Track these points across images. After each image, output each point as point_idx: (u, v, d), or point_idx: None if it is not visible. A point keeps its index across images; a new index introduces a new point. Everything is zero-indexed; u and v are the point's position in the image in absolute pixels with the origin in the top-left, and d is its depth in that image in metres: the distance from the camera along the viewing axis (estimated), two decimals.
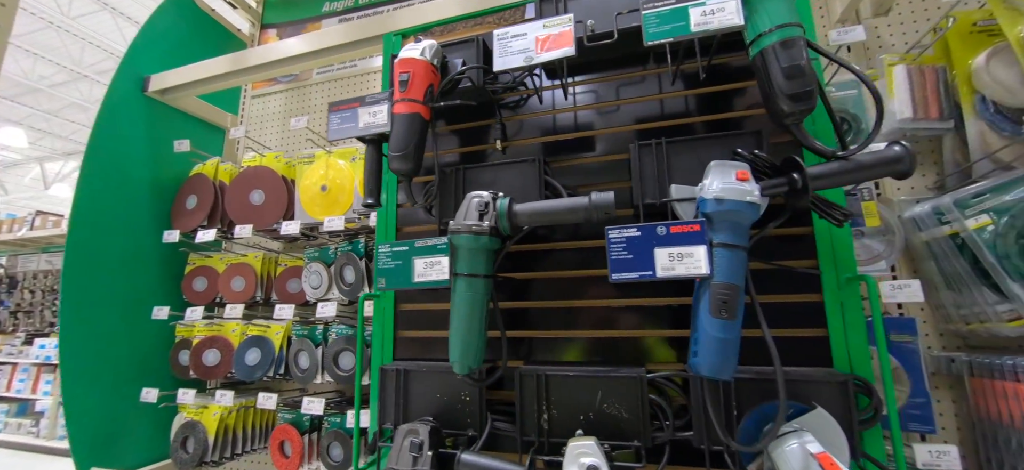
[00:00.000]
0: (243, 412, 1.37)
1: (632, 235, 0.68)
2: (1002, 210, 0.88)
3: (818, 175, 0.64)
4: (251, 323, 1.40)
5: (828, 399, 0.70)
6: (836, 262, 0.79)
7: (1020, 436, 0.84)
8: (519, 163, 0.91)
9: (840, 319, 0.77)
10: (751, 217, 0.64)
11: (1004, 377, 0.87)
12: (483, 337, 0.76)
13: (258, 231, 1.38)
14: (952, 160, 1.06)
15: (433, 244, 0.78)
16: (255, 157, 1.45)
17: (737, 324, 0.62)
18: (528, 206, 0.75)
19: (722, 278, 0.63)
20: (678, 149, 0.83)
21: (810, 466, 0.58)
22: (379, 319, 1.03)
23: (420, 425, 0.80)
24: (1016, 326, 0.87)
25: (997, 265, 0.86)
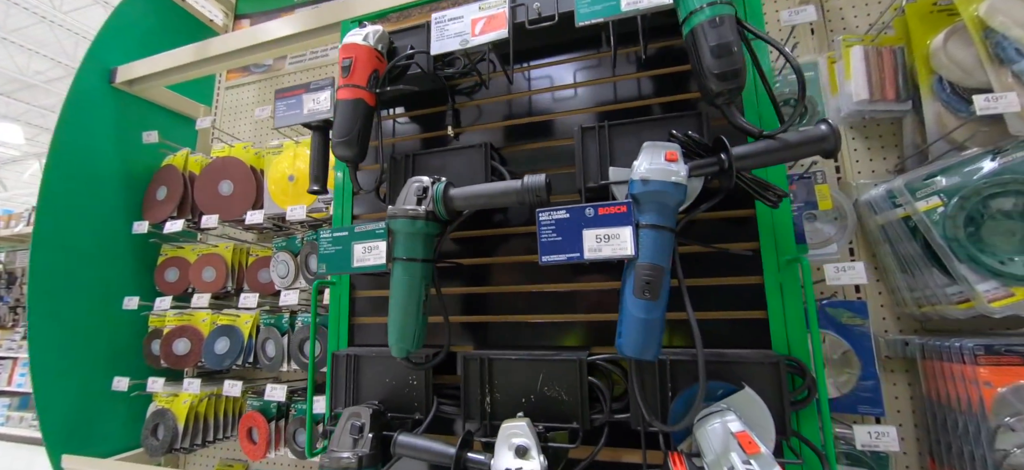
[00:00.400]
0: (213, 400, 1.39)
1: (561, 217, 0.68)
2: (952, 192, 0.88)
3: (744, 155, 0.64)
4: (221, 312, 1.41)
5: (761, 380, 0.70)
6: (776, 244, 0.78)
7: (966, 418, 0.84)
8: (467, 149, 0.91)
9: (779, 301, 0.77)
10: (677, 198, 0.64)
11: (952, 359, 0.87)
12: (421, 321, 0.76)
13: (225, 221, 1.38)
14: (912, 143, 1.05)
15: (371, 229, 0.78)
16: (224, 148, 1.45)
17: (660, 305, 0.62)
18: (463, 190, 0.75)
19: (646, 258, 0.63)
20: (622, 132, 0.82)
21: (730, 443, 0.59)
22: (335, 306, 1.03)
23: (363, 409, 0.81)
24: (964, 308, 0.86)
25: (945, 247, 0.86)
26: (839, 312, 0.95)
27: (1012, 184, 0.84)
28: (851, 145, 1.13)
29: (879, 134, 1.12)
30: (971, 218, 0.86)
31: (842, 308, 0.95)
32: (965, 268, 0.84)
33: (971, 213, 0.86)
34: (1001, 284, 0.82)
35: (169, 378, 1.40)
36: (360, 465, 0.74)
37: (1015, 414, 0.79)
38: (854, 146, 1.13)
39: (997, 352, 0.81)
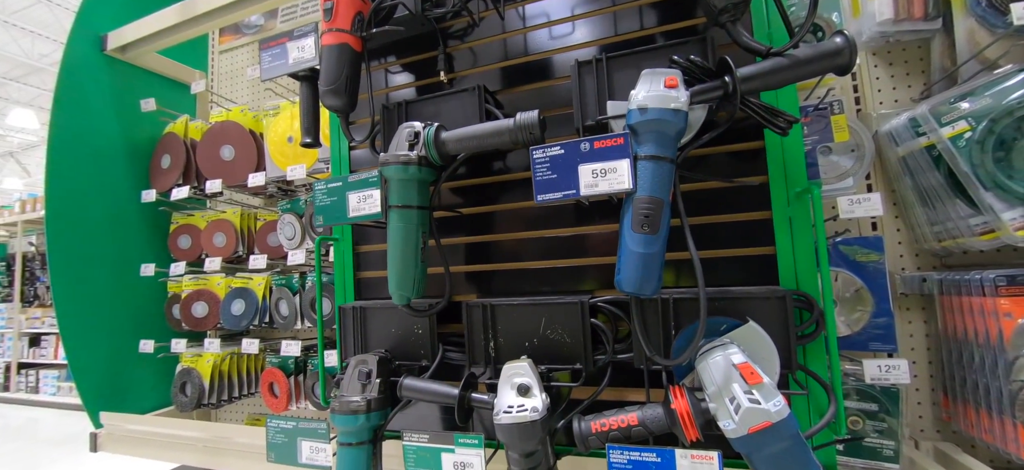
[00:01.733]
0: (235, 359, 1.44)
1: (556, 154, 0.65)
2: (981, 115, 0.82)
3: (750, 75, 0.59)
4: (234, 276, 1.44)
5: (767, 315, 0.68)
6: (786, 176, 0.75)
7: (983, 351, 0.82)
8: (460, 94, 0.88)
9: (788, 235, 0.74)
10: (677, 126, 0.60)
11: (971, 293, 0.84)
12: (420, 268, 0.76)
13: (229, 186, 1.39)
14: (940, 66, 0.98)
15: (365, 178, 0.77)
16: (221, 112, 1.44)
17: (659, 239, 0.60)
18: (454, 132, 0.73)
19: (645, 191, 0.60)
20: (621, 65, 0.78)
21: (731, 375, 0.58)
22: (339, 261, 1.04)
23: (370, 356, 0.83)
24: (988, 239, 0.82)
25: (971, 174, 0.80)
26: (853, 249, 0.91)
27: None
28: (873, 73, 1.06)
29: (904, 59, 1.04)
30: (1002, 142, 0.80)
31: (856, 245, 0.91)
32: (991, 196, 0.79)
33: (1002, 136, 0.80)
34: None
35: (192, 339, 1.46)
36: (368, 408, 0.76)
37: None
38: (876, 74, 1.06)
39: (1020, 282, 0.77)
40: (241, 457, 1.25)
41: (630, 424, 0.62)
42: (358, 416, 0.75)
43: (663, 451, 0.60)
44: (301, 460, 0.80)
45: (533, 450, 0.64)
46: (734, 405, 0.56)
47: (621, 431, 0.62)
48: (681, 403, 0.59)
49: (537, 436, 0.63)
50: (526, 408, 0.65)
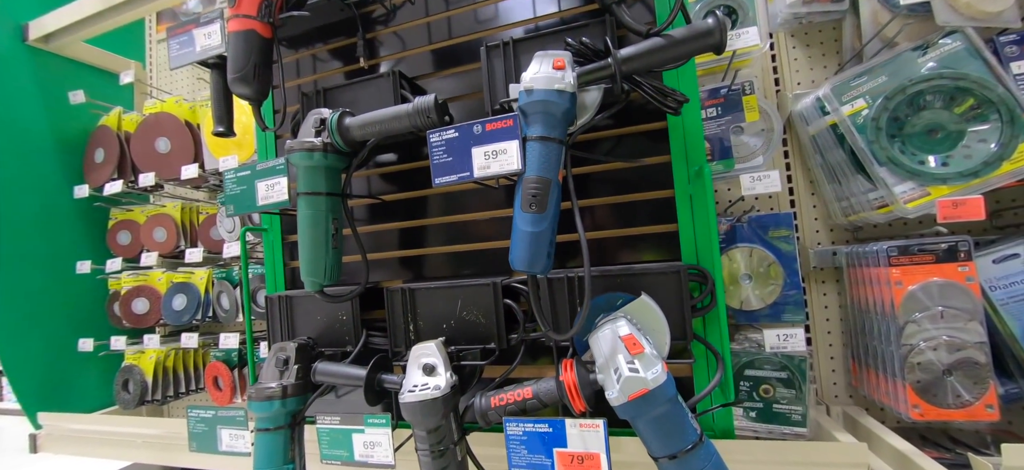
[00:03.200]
0: (180, 354, 1.43)
1: (451, 137, 0.66)
2: (877, 93, 0.85)
3: (629, 55, 0.61)
4: (176, 271, 1.42)
5: (665, 289, 0.70)
6: (687, 155, 0.77)
7: (879, 320, 0.86)
8: (376, 80, 0.88)
9: (689, 212, 0.76)
10: (563, 106, 0.61)
11: (870, 264, 0.88)
12: (331, 255, 0.76)
13: (165, 180, 1.36)
14: (850, 46, 1.01)
15: (272, 166, 0.77)
16: (155, 103, 1.40)
17: (546, 217, 0.61)
18: (357, 118, 0.73)
19: (533, 172, 0.62)
20: (528, 48, 0.79)
21: (617, 346, 0.60)
22: (269, 252, 1.04)
23: (289, 344, 0.83)
24: (884, 213, 0.86)
25: (866, 150, 0.84)
26: (765, 226, 0.95)
27: (937, 79, 0.82)
28: (791, 55, 1.09)
29: (820, 40, 1.08)
30: (895, 119, 0.84)
31: (768, 222, 0.95)
32: (884, 171, 0.83)
33: (895, 113, 0.84)
34: (918, 184, 0.81)
35: (134, 336, 1.43)
36: (284, 394, 0.77)
37: (923, 310, 0.80)
38: (794, 55, 1.09)
39: (910, 252, 0.81)
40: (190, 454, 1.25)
41: (525, 398, 0.64)
42: (273, 402, 0.76)
43: (554, 421, 0.62)
44: (221, 448, 0.80)
45: (436, 426, 0.66)
46: (617, 375, 0.58)
47: (517, 405, 0.64)
48: (569, 376, 0.61)
49: (439, 412, 0.65)
50: (429, 387, 0.66)
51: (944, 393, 0.78)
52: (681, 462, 0.57)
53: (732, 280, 0.96)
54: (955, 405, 0.78)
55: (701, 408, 0.72)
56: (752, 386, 0.92)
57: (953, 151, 0.80)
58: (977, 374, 0.77)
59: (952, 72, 0.79)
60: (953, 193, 0.78)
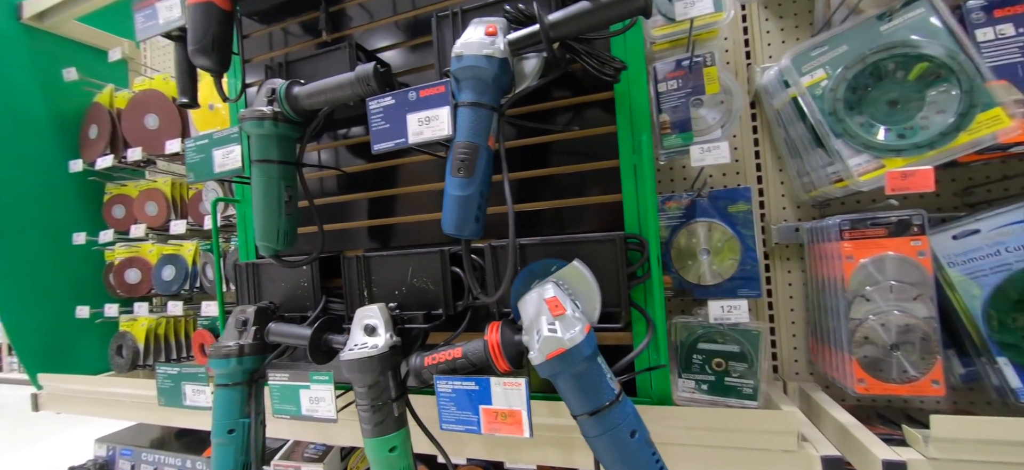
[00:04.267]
0: (170, 322, 1.49)
1: (388, 104, 0.68)
2: (837, 63, 0.83)
3: (557, 20, 0.61)
4: (166, 243, 1.48)
5: (603, 257, 0.71)
6: (632, 125, 0.77)
7: (833, 294, 0.86)
8: (335, 52, 0.89)
9: (632, 183, 0.77)
10: (492, 72, 0.62)
11: (825, 239, 0.87)
12: (285, 221, 0.79)
13: (154, 155, 1.41)
14: (822, 16, 0.98)
15: (227, 135, 0.79)
16: (144, 81, 1.44)
17: (474, 181, 0.63)
18: (304, 87, 0.75)
19: (462, 137, 0.63)
20: (479, 16, 0.79)
21: (541, 309, 0.62)
22: (241, 222, 1.07)
23: (249, 307, 0.87)
24: (840, 187, 0.85)
25: (823, 122, 0.83)
26: (725, 200, 0.94)
27: (899, 48, 0.80)
28: (763, 27, 1.07)
29: (793, 12, 1.05)
30: (854, 89, 0.82)
31: (727, 196, 0.94)
32: (841, 143, 0.82)
33: (854, 84, 0.82)
34: (872, 156, 0.79)
35: (126, 305, 1.50)
36: (241, 352, 0.81)
37: (873, 284, 0.80)
38: (767, 28, 1.07)
39: (862, 226, 0.80)
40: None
41: (455, 357, 0.66)
42: (230, 359, 0.80)
43: (480, 379, 0.64)
44: (185, 402, 0.85)
45: (374, 382, 0.68)
46: (538, 335, 0.60)
47: (447, 364, 0.66)
48: (493, 337, 0.63)
49: (376, 370, 0.68)
50: (368, 346, 0.69)
51: (890, 368, 0.78)
52: (599, 418, 0.58)
53: (690, 255, 0.96)
54: (900, 380, 0.77)
55: (639, 370, 0.74)
56: (705, 360, 0.92)
57: (911, 122, 0.79)
58: (925, 349, 0.77)
59: (907, 40, 0.77)
60: (908, 165, 0.77)
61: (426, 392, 0.80)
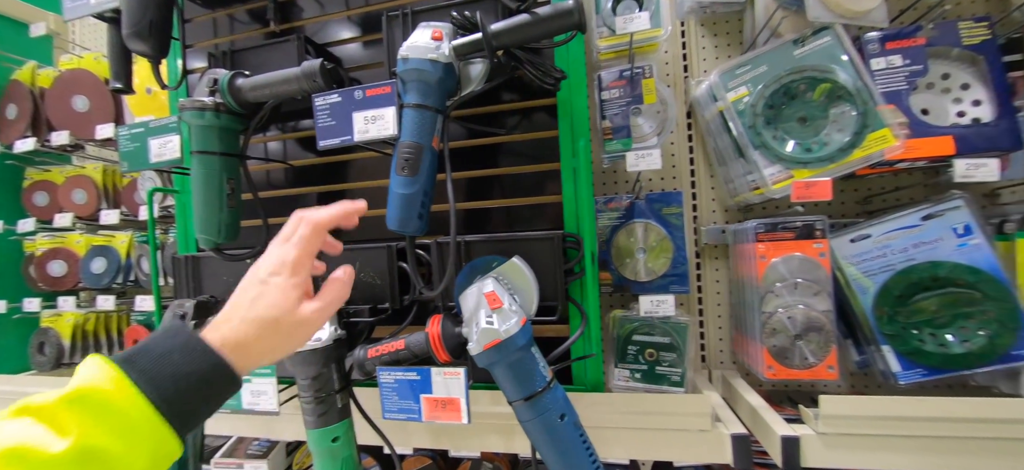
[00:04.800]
0: (101, 317, 1.41)
1: (334, 101, 0.69)
2: (757, 81, 0.92)
3: (498, 31, 0.65)
4: (96, 233, 1.39)
5: (543, 254, 0.76)
6: (573, 130, 0.82)
7: (749, 290, 0.95)
8: (284, 44, 0.89)
9: (572, 185, 0.82)
10: (436, 75, 0.65)
11: (744, 240, 0.96)
12: (226, 214, 0.78)
13: (84, 140, 1.32)
14: (749, 37, 1.08)
15: (165, 124, 0.77)
16: (72, 59, 1.35)
17: (418, 180, 0.65)
18: (249, 80, 0.74)
19: (407, 137, 0.65)
20: (426, 18, 0.81)
21: (480, 303, 0.65)
22: (181, 213, 1.04)
23: (186, 300, 0.85)
24: (758, 194, 0.94)
25: (744, 134, 0.91)
26: (660, 203, 1.02)
27: (808, 71, 0.89)
28: (699, 44, 1.15)
29: (726, 30, 1.14)
30: (771, 106, 0.91)
31: (663, 199, 1.02)
32: (757, 154, 0.90)
33: (771, 102, 0.91)
34: (783, 167, 0.89)
35: (50, 299, 1.40)
36: None
37: (782, 281, 0.89)
38: (702, 44, 1.15)
39: (774, 229, 0.89)
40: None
41: (397, 349, 0.68)
42: None
43: (422, 370, 0.67)
44: None
45: (317, 374, 0.70)
46: (476, 327, 0.63)
47: (390, 355, 0.69)
48: (434, 329, 0.66)
49: (318, 362, 0.69)
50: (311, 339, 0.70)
51: (793, 355, 0.88)
52: (532, 404, 0.63)
53: (628, 253, 1.03)
54: (802, 366, 0.87)
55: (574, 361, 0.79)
56: (639, 350, 0.99)
57: (816, 138, 0.88)
58: (822, 339, 0.87)
59: (814, 65, 0.87)
60: (813, 176, 0.87)
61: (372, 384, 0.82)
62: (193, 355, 0.42)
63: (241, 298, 0.49)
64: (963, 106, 0.88)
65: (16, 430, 0.34)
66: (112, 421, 0.36)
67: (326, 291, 0.53)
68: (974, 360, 0.82)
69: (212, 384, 0.42)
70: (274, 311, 0.47)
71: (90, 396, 0.36)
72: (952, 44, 0.87)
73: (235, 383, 0.44)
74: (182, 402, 0.40)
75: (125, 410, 0.37)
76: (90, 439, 0.35)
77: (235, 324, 0.46)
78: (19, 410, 0.36)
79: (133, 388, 0.38)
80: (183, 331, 0.43)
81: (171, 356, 0.41)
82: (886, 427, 0.74)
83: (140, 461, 0.37)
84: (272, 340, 0.47)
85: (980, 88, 0.87)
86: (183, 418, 0.40)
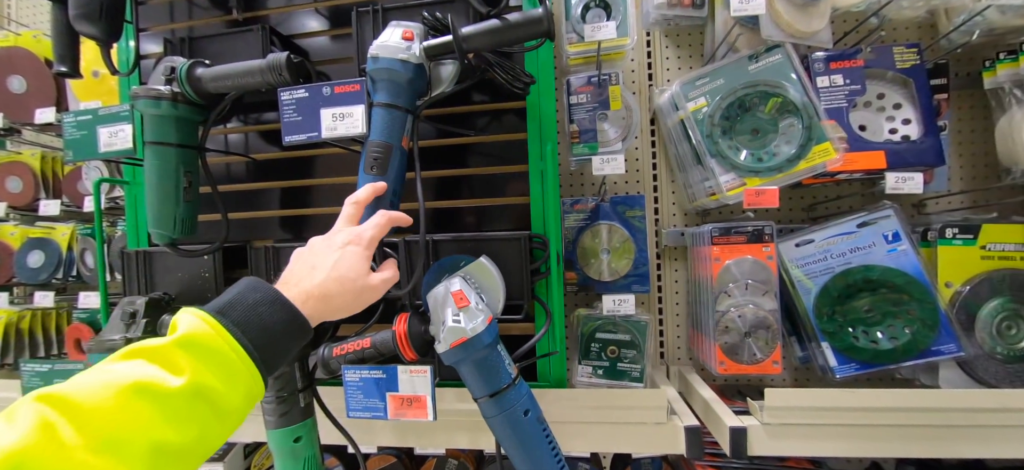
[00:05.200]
0: (37, 315, 1.31)
1: (301, 97, 0.68)
2: (715, 93, 0.97)
3: (468, 34, 0.66)
4: (33, 224, 1.30)
5: (510, 254, 0.78)
6: (541, 133, 0.84)
7: (704, 290, 1.00)
8: (246, 34, 0.86)
9: (539, 186, 0.84)
10: (406, 75, 0.65)
11: (700, 243, 1.01)
12: (182, 208, 0.75)
13: (16, 122, 1.23)
14: (709, 50, 1.13)
15: (116, 112, 0.74)
16: (7, 36, 1.25)
17: (387, 180, 0.65)
18: (210, 70, 0.72)
19: (376, 136, 0.65)
20: (397, 16, 0.81)
21: (447, 301, 0.66)
22: (131, 205, 0.99)
23: (138, 298, 0.81)
24: (714, 200, 0.99)
25: (702, 143, 0.96)
26: (624, 206, 1.06)
27: (760, 86, 0.95)
28: (664, 54, 1.20)
29: (689, 42, 1.20)
30: (726, 117, 0.97)
31: (626, 202, 1.06)
32: (714, 162, 0.96)
33: (727, 113, 0.97)
34: (737, 175, 0.94)
35: None
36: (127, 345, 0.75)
37: (734, 281, 0.95)
38: (666, 54, 1.20)
39: (727, 233, 0.95)
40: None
41: (363, 348, 0.68)
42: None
43: (388, 368, 0.67)
44: None
45: (279, 374, 0.68)
46: (443, 326, 0.64)
47: (356, 354, 0.68)
48: (401, 327, 0.67)
49: None
50: None
51: (743, 352, 0.94)
52: (497, 400, 0.64)
53: (593, 254, 1.06)
54: (750, 361, 0.93)
55: (539, 358, 0.81)
56: (601, 347, 1.03)
57: (765, 149, 0.95)
58: (769, 336, 0.93)
59: (767, 80, 0.93)
60: (763, 184, 0.93)
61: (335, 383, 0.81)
62: (276, 308, 0.48)
63: (320, 260, 0.56)
64: (895, 124, 0.96)
65: (135, 369, 0.39)
66: (217, 362, 0.42)
67: (385, 268, 0.63)
68: (900, 355, 0.91)
69: (292, 334, 0.50)
70: (351, 272, 0.55)
71: (199, 340, 0.42)
72: (887, 67, 0.96)
73: (308, 334, 0.52)
74: (269, 349, 0.46)
75: (226, 354, 0.43)
76: (201, 377, 0.40)
77: (319, 280, 0.53)
78: (130, 352, 0.41)
79: (230, 336, 0.43)
80: (263, 286, 0.50)
81: (258, 308, 0.47)
82: (824, 416, 0.80)
83: (238, 398, 0.43)
84: (346, 298, 0.55)
85: (910, 108, 0.95)
86: (269, 363, 0.47)
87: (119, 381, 0.37)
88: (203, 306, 0.45)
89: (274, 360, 0.48)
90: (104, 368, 0.39)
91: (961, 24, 0.94)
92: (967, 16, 0.93)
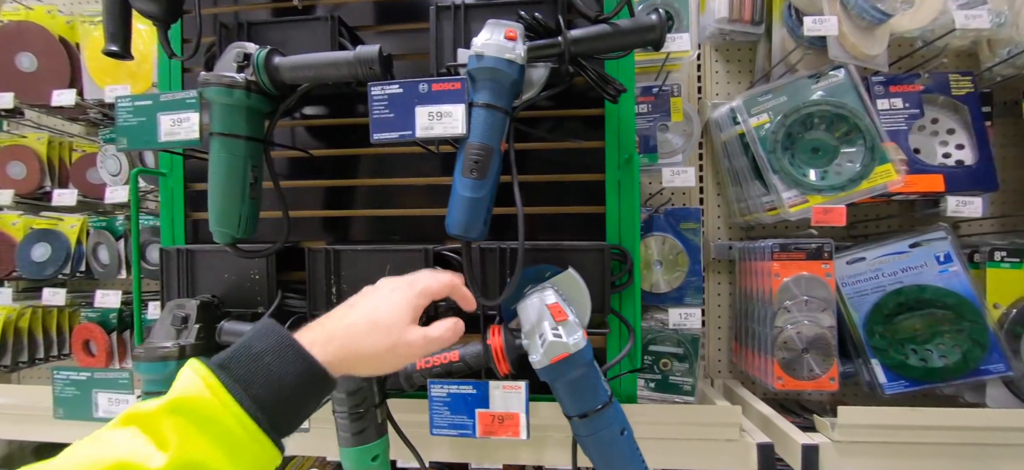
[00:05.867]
0: (38, 313, 1.21)
1: (394, 92, 0.64)
2: (778, 110, 0.98)
3: (579, 38, 0.63)
4: (38, 215, 1.20)
5: (589, 265, 0.75)
6: (619, 143, 0.82)
7: (760, 306, 1.00)
8: (312, 22, 0.81)
9: (616, 197, 0.82)
10: (511, 76, 0.62)
11: (756, 258, 1.02)
12: (248, 205, 0.70)
13: (29, 105, 1.13)
14: (761, 67, 1.14)
15: (181, 98, 0.68)
16: (18, 9, 1.15)
17: (486, 184, 0.62)
18: (290, 59, 0.67)
19: (476, 138, 0.62)
20: (479, 15, 0.77)
21: (543, 314, 0.63)
22: (167, 200, 0.92)
23: (188, 301, 0.75)
24: (772, 215, 1.00)
25: (765, 159, 0.96)
26: (678, 218, 1.05)
27: (823, 105, 0.96)
28: (714, 67, 1.21)
29: (739, 58, 1.20)
30: (789, 135, 0.97)
31: (681, 215, 1.05)
32: (776, 179, 0.96)
33: (789, 130, 0.97)
34: (800, 192, 0.95)
35: None
36: (182, 354, 0.69)
37: (792, 298, 0.95)
38: (716, 68, 1.21)
39: (788, 249, 0.95)
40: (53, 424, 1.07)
41: (451, 361, 0.65)
42: (168, 363, 0.68)
43: (479, 383, 0.64)
44: (97, 414, 0.70)
45: (356, 388, 0.64)
46: (541, 340, 0.61)
47: (443, 367, 0.65)
48: (496, 340, 0.64)
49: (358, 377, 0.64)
50: None
51: (801, 367, 0.94)
52: (591, 420, 0.62)
53: (646, 265, 1.05)
54: (808, 377, 0.94)
55: (611, 374, 0.79)
56: (653, 360, 1.02)
57: (829, 167, 0.96)
58: (827, 352, 0.94)
59: (835, 100, 0.94)
60: (826, 202, 0.93)
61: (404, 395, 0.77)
62: (287, 357, 0.40)
63: (362, 300, 0.50)
64: (948, 148, 0.99)
65: (121, 442, 0.34)
66: (212, 431, 0.35)
67: (435, 326, 0.53)
68: (950, 373, 0.93)
69: (307, 387, 0.41)
70: (386, 318, 0.47)
71: (189, 405, 0.36)
72: (942, 93, 0.98)
73: (329, 385, 0.43)
74: (279, 408, 0.39)
75: (223, 420, 0.36)
76: (189, 452, 0.34)
77: (349, 321, 0.47)
78: (126, 417, 0.36)
79: (229, 396, 0.36)
80: (275, 331, 0.42)
81: (264, 359, 0.39)
82: (893, 435, 0.81)
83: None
84: (376, 348, 0.46)
85: (963, 134, 0.98)
86: (280, 424, 0.39)
87: (102, 460, 0.32)
88: (210, 358, 0.39)
89: (287, 420, 0.40)
90: (97, 438, 0.35)
91: (1008, 58, 0.98)
92: (1015, 49, 0.96)
